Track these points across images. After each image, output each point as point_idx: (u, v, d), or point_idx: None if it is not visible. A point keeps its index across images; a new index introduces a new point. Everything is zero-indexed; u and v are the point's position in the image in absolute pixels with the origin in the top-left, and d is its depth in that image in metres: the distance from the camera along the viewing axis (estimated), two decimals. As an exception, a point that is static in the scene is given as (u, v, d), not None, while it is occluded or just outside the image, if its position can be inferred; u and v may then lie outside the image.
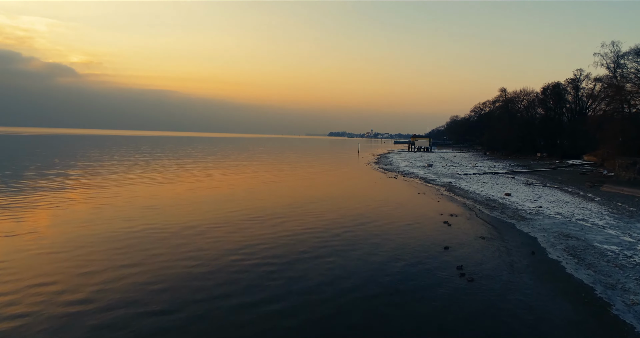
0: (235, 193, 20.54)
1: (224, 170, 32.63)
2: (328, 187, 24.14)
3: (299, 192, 21.51)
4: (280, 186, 23.69)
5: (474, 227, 13.80)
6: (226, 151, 68.73)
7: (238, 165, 38.74)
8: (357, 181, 27.64)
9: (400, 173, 33.41)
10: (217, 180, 25.62)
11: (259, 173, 31.70)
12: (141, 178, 25.71)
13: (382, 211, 16.43)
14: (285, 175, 30.43)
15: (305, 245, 11.10)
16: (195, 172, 30.30)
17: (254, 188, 22.36)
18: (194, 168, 34.14)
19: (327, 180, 28.11)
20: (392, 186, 25.39)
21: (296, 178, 28.91)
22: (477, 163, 45.88)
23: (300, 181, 26.63)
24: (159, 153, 54.27)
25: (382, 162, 47.93)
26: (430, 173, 33.85)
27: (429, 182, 27.26)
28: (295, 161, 47.89)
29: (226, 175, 28.70)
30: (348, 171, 35.89)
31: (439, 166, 41.04)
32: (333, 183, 26.68)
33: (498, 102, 67.27)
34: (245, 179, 26.98)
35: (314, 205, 17.40)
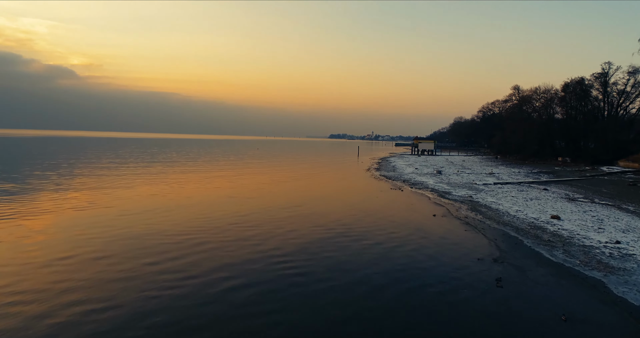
0: (171, 215, 15.04)
1: (189, 178, 27.16)
2: (315, 207, 18.62)
3: (271, 215, 16.02)
4: (251, 205, 18.18)
5: (543, 291, 8.27)
6: (213, 154, 63.32)
7: (209, 172, 33.26)
8: (354, 196, 22.11)
9: (406, 183, 27.89)
10: (168, 191, 20.14)
11: (230, 183, 26.22)
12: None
13: (390, 253, 10.92)
14: (263, 186, 24.95)
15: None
16: (147, 180, 24.85)
17: (214, 207, 16.87)
18: (151, 176, 28.67)
19: (316, 195, 22.62)
20: (398, 202, 19.85)
21: (276, 191, 23.42)
22: (492, 169, 40.33)
23: (279, 198, 21.14)
24: (131, 158, 48.88)
25: (384, 168, 42.42)
26: (442, 182, 28.34)
27: (444, 196, 21.74)
28: (285, 167, 42.44)
29: (186, 183, 23.26)
30: (345, 181, 30.36)
31: (450, 173, 35.52)
32: (323, 199, 21.16)
33: (510, 101, 61.63)
34: (205, 191, 21.48)
35: (289, 244, 11.91)
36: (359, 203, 19.17)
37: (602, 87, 43.59)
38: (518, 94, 59.91)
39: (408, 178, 31.32)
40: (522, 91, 58.99)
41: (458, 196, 21.72)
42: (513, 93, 60.83)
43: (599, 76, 43.61)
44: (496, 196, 21.77)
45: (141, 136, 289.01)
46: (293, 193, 22.22)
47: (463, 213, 16.94)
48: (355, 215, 15.97)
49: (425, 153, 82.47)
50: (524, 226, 14.21)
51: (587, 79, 45.67)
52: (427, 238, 12.53)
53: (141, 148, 76.18)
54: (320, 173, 35.71)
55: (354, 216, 15.82)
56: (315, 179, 30.17)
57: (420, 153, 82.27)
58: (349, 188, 24.69)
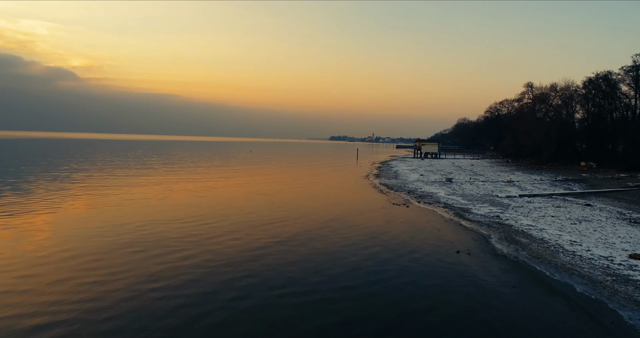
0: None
1: (155, 185, 22.24)
2: (296, 234, 13.69)
3: (237, 241, 11.09)
4: (214, 230, 13.26)
5: None
6: (197, 158, 58.44)
7: (170, 182, 28.37)
8: (347, 216, 17.16)
9: (411, 194, 22.97)
10: (117, 206, 15.21)
11: (194, 195, 21.30)
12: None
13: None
14: (233, 201, 20.04)
15: None
16: (86, 192, 19.93)
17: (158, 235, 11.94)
18: (107, 181, 23.75)
19: (301, 214, 17.70)
20: (404, 226, 14.90)
21: (247, 210, 18.52)
22: (509, 176, 35.37)
23: (245, 223, 16.25)
24: (98, 163, 44.07)
25: (384, 173, 37.50)
26: (455, 193, 23.42)
27: (463, 215, 16.82)
28: (272, 174, 37.57)
29: (148, 193, 18.37)
30: (339, 193, 25.41)
31: (461, 181, 30.57)
32: (308, 219, 16.22)
33: (523, 100, 56.66)
34: (169, 208, 16.52)
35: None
36: (353, 228, 14.22)
37: (633, 82, 38.56)
38: (531, 92, 54.99)
39: (413, 187, 26.39)
40: (536, 89, 54.14)
41: (480, 215, 16.79)
42: (526, 91, 55.93)
43: (630, 70, 38.58)
44: (530, 215, 16.83)
45: (141, 138, 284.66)
46: (266, 214, 17.28)
47: (497, 245, 12.02)
48: (346, 257, 11.03)
49: (429, 156, 77.61)
50: (599, 277, 9.27)
51: (614, 72, 40.72)
52: (457, 308, 7.58)
53: (124, 151, 71.39)
54: (311, 182, 30.79)
55: (346, 257, 10.89)
56: (303, 190, 25.24)
57: (423, 156, 77.40)
58: (342, 205, 19.73)
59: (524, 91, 56.29)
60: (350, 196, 22.22)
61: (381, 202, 20.22)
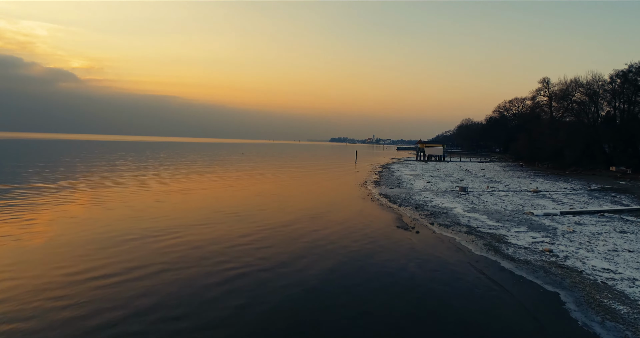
0: None
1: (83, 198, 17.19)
2: (240, 305, 8.64)
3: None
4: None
5: None
6: (183, 161, 53.40)
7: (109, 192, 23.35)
8: (330, 247, 12.07)
9: (420, 210, 17.88)
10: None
11: (145, 210, 16.24)
12: None
13: None
14: (180, 219, 14.97)
15: None
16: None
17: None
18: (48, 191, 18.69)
19: (277, 242, 12.64)
20: (416, 272, 9.79)
21: (189, 245, 13.47)
22: (531, 183, 30.24)
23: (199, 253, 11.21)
24: (61, 166, 39.19)
25: (385, 180, 32.40)
26: (476, 209, 18.32)
27: (498, 248, 11.71)
28: (255, 179, 32.55)
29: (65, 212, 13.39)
30: (327, 206, 20.31)
31: (478, 190, 25.45)
32: (266, 265, 11.14)
33: (537, 97, 51.46)
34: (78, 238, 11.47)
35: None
36: (337, 283, 9.13)
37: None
38: (547, 89, 49.85)
39: (421, 199, 21.29)
40: (553, 85, 49.03)
41: (524, 248, 11.70)
42: (541, 88, 50.78)
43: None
44: (594, 248, 11.72)
45: (141, 139, 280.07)
46: (259, 246, 12.21)
47: (587, 321, 6.89)
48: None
49: (432, 158, 72.42)
50: None
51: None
52: None
53: (105, 153, 66.43)
54: (295, 194, 25.68)
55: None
56: (280, 206, 20.11)
57: (427, 159, 72.22)
58: (326, 230, 14.62)
59: (539, 88, 51.23)
60: (340, 215, 17.08)
61: (381, 223, 15.12)
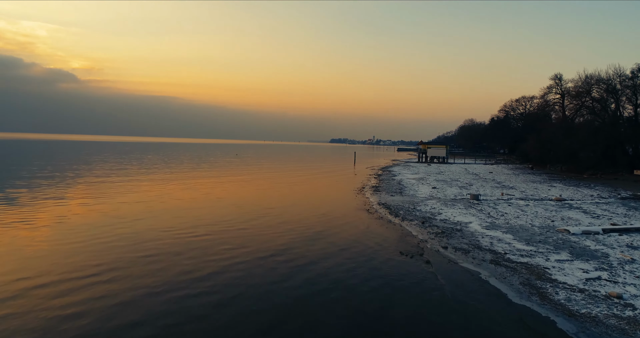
0: None
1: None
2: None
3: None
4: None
5: None
6: (169, 162, 50.12)
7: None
8: (310, 288, 8.77)
9: (428, 225, 14.59)
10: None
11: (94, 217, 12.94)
12: None
13: None
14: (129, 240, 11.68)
15: None
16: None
17: None
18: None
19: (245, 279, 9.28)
20: (437, 324, 6.46)
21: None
22: (549, 189, 26.94)
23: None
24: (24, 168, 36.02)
25: (385, 185, 29.11)
26: (497, 224, 15.01)
27: (543, 290, 8.38)
28: (240, 185, 29.31)
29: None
30: (314, 220, 17.01)
31: (492, 198, 22.14)
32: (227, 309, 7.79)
33: (550, 94, 48.07)
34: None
35: None
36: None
37: None
38: (560, 86, 46.49)
39: (428, 211, 17.98)
40: (567, 81, 45.70)
41: (579, 290, 8.41)
42: (553, 85, 47.43)
43: None
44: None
45: (139, 140, 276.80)
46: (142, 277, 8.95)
47: None
48: None
49: (435, 160, 69.13)
50: None
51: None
52: None
53: (91, 154, 63.20)
54: (281, 203, 22.42)
55: None
56: (258, 219, 16.81)
57: (429, 160, 68.93)
58: (305, 260, 11.32)
59: (551, 85, 47.87)
60: (330, 236, 13.75)
61: (379, 248, 11.82)
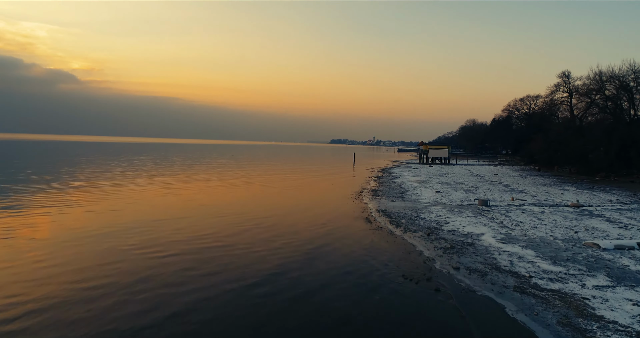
0: None
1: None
2: None
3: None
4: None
5: None
6: (160, 165, 48.21)
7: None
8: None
9: (434, 238, 12.62)
10: None
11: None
12: None
13: None
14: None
15: None
16: None
17: None
18: None
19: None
20: None
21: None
22: (562, 193, 24.96)
23: None
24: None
25: (385, 189, 27.13)
26: (513, 236, 13.03)
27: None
28: (229, 188, 27.40)
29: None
30: (303, 233, 15.06)
31: (502, 203, 20.13)
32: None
33: (557, 93, 46.05)
34: None
35: None
36: None
37: None
38: (568, 84, 44.52)
39: (433, 219, 16.00)
40: (575, 79, 43.74)
41: (635, 333, 6.39)
42: (560, 83, 45.40)
43: None
44: None
45: (138, 140, 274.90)
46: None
47: None
48: None
49: (437, 161, 67.20)
50: None
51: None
52: None
53: (79, 155, 61.29)
54: (269, 210, 20.47)
55: None
56: (240, 232, 14.86)
57: (431, 161, 66.99)
58: (296, 291, 9.37)
59: (558, 83, 45.87)
60: (323, 255, 11.76)
61: (378, 270, 9.84)
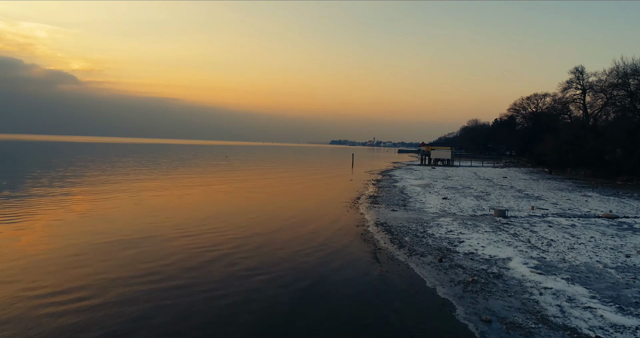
0: None
1: None
2: None
3: None
4: None
5: None
6: (143, 167, 45.28)
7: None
8: None
9: (447, 268, 9.66)
10: None
11: None
12: None
13: None
14: None
15: None
16: None
17: None
18: None
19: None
20: None
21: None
22: (587, 201, 22.00)
23: None
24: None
25: (385, 194, 24.16)
26: (548, 263, 10.08)
27: None
28: (206, 199, 24.51)
29: None
30: (291, 261, 12.12)
31: (524, 215, 17.18)
32: None
33: (569, 90, 43.03)
34: None
35: None
36: None
37: None
38: (581, 81, 41.57)
39: (443, 237, 13.05)
40: (588, 75, 40.83)
41: None
42: (573, 79, 42.41)
43: None
44: None
45: (137, 141, 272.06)
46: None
47: None
48: None
49: (439, 163, 64.27)
50: None
51: None
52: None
53: (69, 155, 58.41)
54: (252, 234, 17.56)
55: None
56: (215, 266, 11.95)
57: (433, 163, 64.05)
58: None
59: (571, 79, 42.89)
60: (299, 301, 8.85)
61: (380, 320, 6.90)
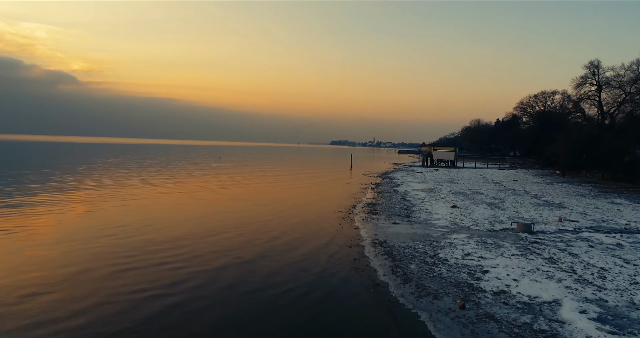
0: None
1: None
2: None
3: None
4: None
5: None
6: (129, 167, 42.33)
7: None
8: None
9: (477, 325, 6.68)
10: None
11: None
12: None
13: None
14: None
15: None
16: None
17: None
18: None
19: None
20: None
21: None
22: (618, 209, 19.02)
23: None
24: None
25: (385, 202, 21.16)
26: (620, 313, 7.08)
27: None
28: (177, 217, 21.51)
29: None
30: (257, 304, 9.08)
31: (552, 230, 14.19)
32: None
33: (584, 87, 40.08)
34: None
35: None
36: None
37: None
38: (597, 76, 38.60)
39: (461, 264, 10.08)
40: (605, 70, 37.91)
41: None
42: (588, 75, 39.49)
43: None
44: None
45: (137, 141, 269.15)
46: None
47: None
48: None
49: (442, 164, 61.28)
50: None
51: None
52: None
53: (59, 155, 55.54)
54: (212, 266, 14.59)
55: None
56: (171, 300, 8.93)
57: (435, 164, 61.08)
58: None
59: (585, 75, 39.86)
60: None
61: None
